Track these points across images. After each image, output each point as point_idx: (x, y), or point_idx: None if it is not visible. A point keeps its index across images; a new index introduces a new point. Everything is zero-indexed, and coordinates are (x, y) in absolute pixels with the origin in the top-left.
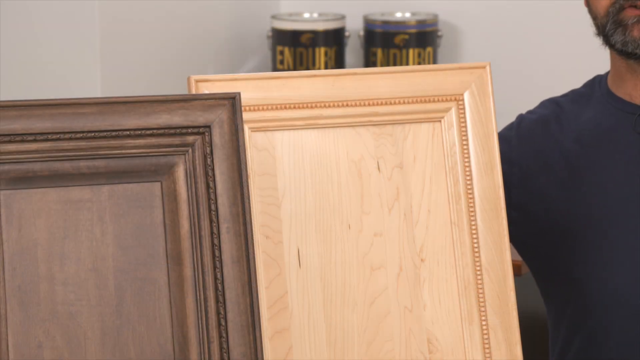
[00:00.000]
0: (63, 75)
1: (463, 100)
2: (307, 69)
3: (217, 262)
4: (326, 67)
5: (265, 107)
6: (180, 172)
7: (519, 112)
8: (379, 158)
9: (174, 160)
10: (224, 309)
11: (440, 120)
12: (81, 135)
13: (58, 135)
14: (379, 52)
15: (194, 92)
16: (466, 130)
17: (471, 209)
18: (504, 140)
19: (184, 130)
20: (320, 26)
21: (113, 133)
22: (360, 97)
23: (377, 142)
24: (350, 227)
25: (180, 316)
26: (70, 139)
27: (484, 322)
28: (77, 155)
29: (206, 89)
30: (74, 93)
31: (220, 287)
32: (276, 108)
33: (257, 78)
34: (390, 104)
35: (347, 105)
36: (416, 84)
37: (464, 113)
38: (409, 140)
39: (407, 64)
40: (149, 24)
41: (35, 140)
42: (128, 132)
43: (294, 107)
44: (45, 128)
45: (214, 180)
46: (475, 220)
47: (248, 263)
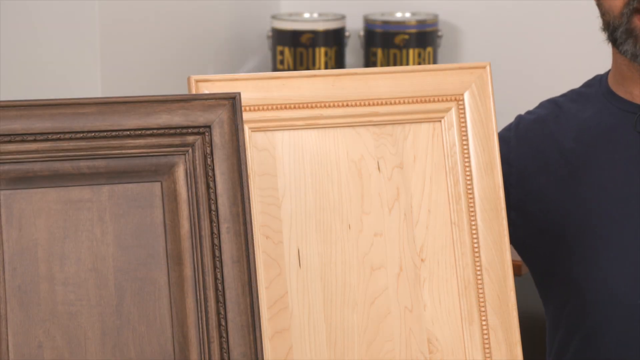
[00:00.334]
0: (63, 75)
1: (463, 100)
2: (307, 69)
3: (217, 262)
4: (326, 67)
5: (265, 107)
6: (180, 172)
7: (519, 112)
8: (379, 158)
9: (174, 160)
10: (224, 309)
11: (440, 120)
12: (81, 135)
13: (58, 135)
14: (379, 52)
15: (194, 92)
16: (466, 130)
17: (471, 209)
18: (502, 141)
19: (184, 130)
20: (321, 26)
21: (113, 133)
22: (360, 97)
23: (377, 142)
24: (350, 227)
25: (181, 316)
26: (71, 139)
27: (484, 322)
28: (77, 155)
29: (206, 89)
30: (74, 93)
31: (220, 287)
32: (276, 108)
33: (257, 78)
34: (391, 104)
35: (347, 105)
36: (416, 84)
37: (464, 113)
38: (409, 140)
39: (407, 64)
40: (149, 24)
41: (35, 140)
42: (128, 132)
43: (294, 107)
44: (45, 128)
45: (214, 180)
46: (475, 220)
47: (248, 263)
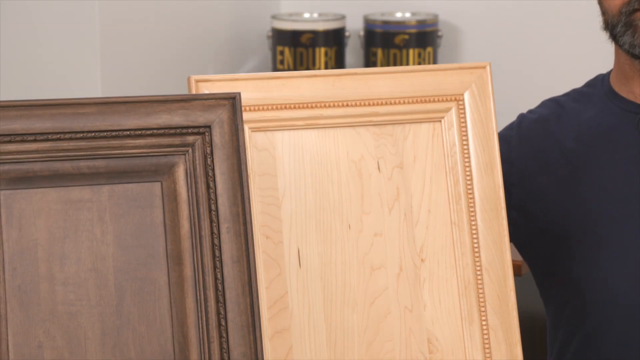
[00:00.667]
0: (63, 75)
1: (463, 100)
2: (307, 69)
3: (217, 262)
4: (326, 67)
5: (265, 107)
6: (180, 172)
7: (519, 112)
8: (379, 158)
9: (174, 160)
10: (224, 309)
11: (440, 120)
12: (81, 135)
13: (58, 135)
14: (379, 52)
15: (194, 92)
16: (466, 130)
17: (471, 209)
18: (504, 140)
19: (184, 130)
20: (321, 26)
21: (113, 133)
22: (360, 97)
23: (377, 142)
24: (350, 227)
25: (181, 316)
26: (71, 139)
27: (484, 322)
28: (77, 155)
29: (206, 89)
30: (74, 93)
31: (220, 287)
32: (276, 108)
33: (257, 78)
34: (391, 104)
35: (347, 105)
36: (416, 84)
37: (464, 113)
38: (409, 140)
39: (407, 64)
40: (149, 24)
41: (35, 140)
42: (128, 132)
43: (294, 107)
44: (45, 128)
45: (214, 180)
46: (475, 220)
47: (248, 263)
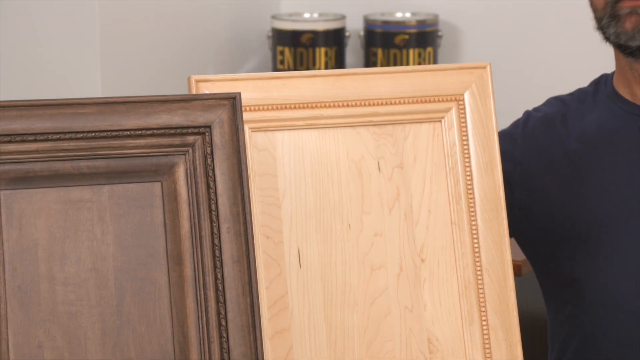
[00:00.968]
0: (63, 75)
1: (463, 100)
2: (308, 69)
3: (218, 262)
4: (326, 67)
5: (265, 107)
6: (180, 172)
7: (519, 112)
8: (379, 158)
9: (174, 160)
10: (224, 309)
11: (440, 120)
12: (81, 135)
13: (58, 135)
14: (379, 52)
15: (194, 92)
16: (466, 130)
17: (471, 209)
18: (509, 138)
19: (184, 130)
20: (321, 26)
21: (113, 133)
22: (360, 97)
23: (377, 142)
24: (350, 227)
25: (181, 316)
26: (71, 139)
27: (484, 322)
28: (77, 155)
29: (206, 89)
30: (74, 93)
31: (220, 287)
32: (276, 108)
33: (258, 78)
34: (391, 104)
35: (347, 105)
36: (416, 84)
37: (465, 113)
38: (409, 140)
39: (407, 64)
40: (149, 24)
41: (35, 140)
42: (128, 132)
43: (294, 107)
44: (45, 128)
45: (214, 181)
46: (475, 220)
47: (248, 263)
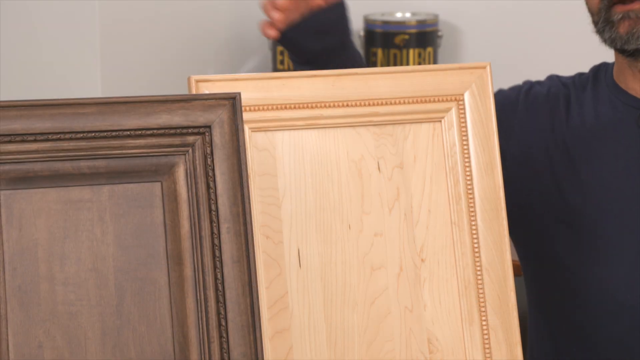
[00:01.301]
0: (63, 75)
1: (463, 100)
2: None
3: (218, 262)
4: None
5: (265, 107)
6: (180, 172)
7: None
8: (379, 158)
9: (174, 161)
10: (224, 309)
11: (440, 121)
12: (81, 135)
13: (58, 135)
14: (379, 52)
15: (194, 92)
16: (466, 131)
17: (471, 209)
18: (510, 102)
19: (184, 131)
20: None
21: (113, 133)
22: (360, 97)
23: (377, 142)
24: (350, 227)
25: (181, 316)
26: (71, 139)
27: (484, 323)
28: (77, 155)
29: (206, 89)
30: (74, 93)
31: (220, 287)
32: (276, 108)
33: (258, 78)
34: (391, 104)
35: (347, 105)
36: (416, 84)
37: (464, 113)
38: (409, 140)
39: (407, 64)
40: (149, 24)
41: (35, 140)
42: (128, 132)
43: (294, 107)
44: (45, 128)
45: (214, 181)
46: (475, 220)
47: (248, 263)
